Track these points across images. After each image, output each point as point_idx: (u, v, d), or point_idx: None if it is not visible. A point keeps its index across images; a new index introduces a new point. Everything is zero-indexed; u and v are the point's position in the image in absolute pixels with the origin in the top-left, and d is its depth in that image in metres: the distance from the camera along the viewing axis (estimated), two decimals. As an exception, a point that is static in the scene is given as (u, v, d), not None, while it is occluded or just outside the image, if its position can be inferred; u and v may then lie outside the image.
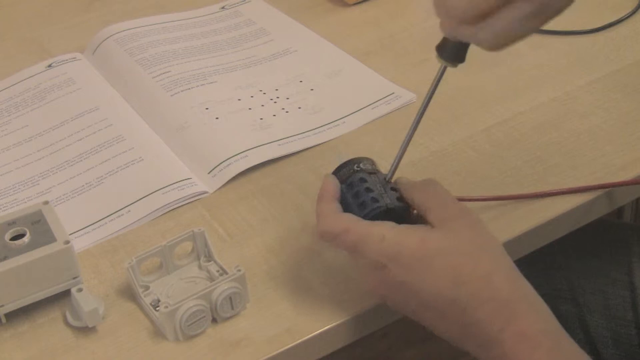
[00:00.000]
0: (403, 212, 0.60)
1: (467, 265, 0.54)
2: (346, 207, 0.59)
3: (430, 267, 0.54)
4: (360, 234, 0.56)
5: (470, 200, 0.67)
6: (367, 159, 0.63)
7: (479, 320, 0.53)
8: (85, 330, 0.61)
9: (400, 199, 0.60)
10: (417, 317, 0.57)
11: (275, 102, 0.84)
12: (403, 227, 0.56)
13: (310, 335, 0.60)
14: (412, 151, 0.76)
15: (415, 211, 0.60)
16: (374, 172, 0.62)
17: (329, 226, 0.57)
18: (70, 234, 0.67)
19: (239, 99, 0.84)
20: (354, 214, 0.58)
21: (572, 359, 0.53)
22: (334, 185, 0.61)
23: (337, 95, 0.84)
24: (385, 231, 0.56)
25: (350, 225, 0.57)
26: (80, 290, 0.61)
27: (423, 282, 0.54)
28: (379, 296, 0.59)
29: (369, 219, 0.58)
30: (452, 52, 0.58)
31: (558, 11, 0.53)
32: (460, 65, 0.58)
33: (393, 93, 0.83)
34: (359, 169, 0.61)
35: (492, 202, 0.68)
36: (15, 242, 0.61)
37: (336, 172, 0.62)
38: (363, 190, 0.59)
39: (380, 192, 0.59)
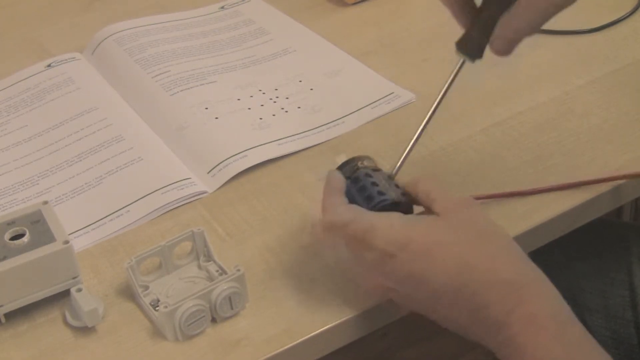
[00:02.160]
0: (408, 207, 0.61)
1: (474, 251, 0.55)
2: (351, 201, 0.60)
3: (439, 255, 0.55)
4: (369, 223, 0.56)
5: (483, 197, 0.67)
6: (368, 157, 0.64)
7: (488, 303, 0.53)
8: (84, 330, 0.61)
9: (405, 194, 0.61)
10: (425, 308, 0.57)
11: (274, 102, 0.84)
12: (410, 216, 0.58)
13: (310, 335, 0.60)
14: (412, 151, 0.75)
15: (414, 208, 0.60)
16: (377, 169, 0.63)
17: (337, 216, 0.58)
18: (69, 234, 0.67)
19: (239, 99, 0.84)
20: (360, 206, 0.59)
21: (578, 342, 0.53)
22: (339, 179, 0.61)
23: (337, 94, 0.84)
24: (394, 220, 0.56)
25: (358, 215, 0.57)
26: (79, 290, 0.61)
27: (432, 271, 0.55)
28: (386, 290, 0.58)
29: (376, 211, 0.58)
30: (475, 46, 0.61)
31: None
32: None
33: (392, 93, 0.83)
34: (362, 165, 0.62)
35: (492, 201, 0.68)
36: (15, 242, 0.61)
37: (339, 169, 0.63)
38: (369, 184, 0.60)
39: (385, 187, 0.60)
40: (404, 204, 0.60)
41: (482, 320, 0.54)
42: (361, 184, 0.61)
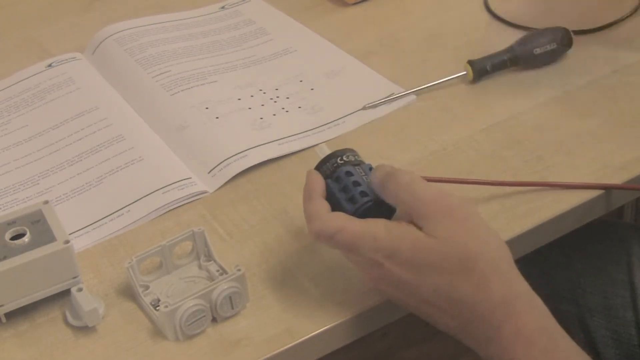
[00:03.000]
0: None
1: (461, 270, 0.54)
2: (334, 202, 0.59)
3: (425, 269, 0.54)
4: (354, 233, 0.56)
5: (439, 181, 0.65)
6: (349, 149, 0.62)
7: (477, 317, 0.54)
8: (85, 330, 0.61)
9: None
10: (418, 312, 0.57)
11: (275, 102, 0.84)
12: (395, 226, 0.56)
13: (310, 335, 0.60)
14: (412, 151, 0.76)
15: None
16: (358, 163, 0.61)
17: (323, 226, 0.57)
18: (70, 234, 0.67)
19: (239, 99, 0.84)
20: (343, 208, 0.58)
21: (567, 357, 0.53)
22: (319, 182, 0.60)
23: (337, 94, 0.84)
24: (378, 231, 0.55)
25: (345, 224, 0.56)
26: (80, 289, 0.61)
27: (420, 280, 0.55)
28: (381, 291, 0.59)
29: (359, 214, 0.58)
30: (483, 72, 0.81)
31: None
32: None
33: (393, 93, 0.83)
34: (342, 161, 0.61)
35: (492, 202, 0.68)
36: (15, 241, 0.61)
37: (319, 167, 0.62)
38: (350, 184, 0.59)
39: (367, 184, 0.59)
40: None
41: (474, 330, 0.54)
42: (343, 184, 0.59)
